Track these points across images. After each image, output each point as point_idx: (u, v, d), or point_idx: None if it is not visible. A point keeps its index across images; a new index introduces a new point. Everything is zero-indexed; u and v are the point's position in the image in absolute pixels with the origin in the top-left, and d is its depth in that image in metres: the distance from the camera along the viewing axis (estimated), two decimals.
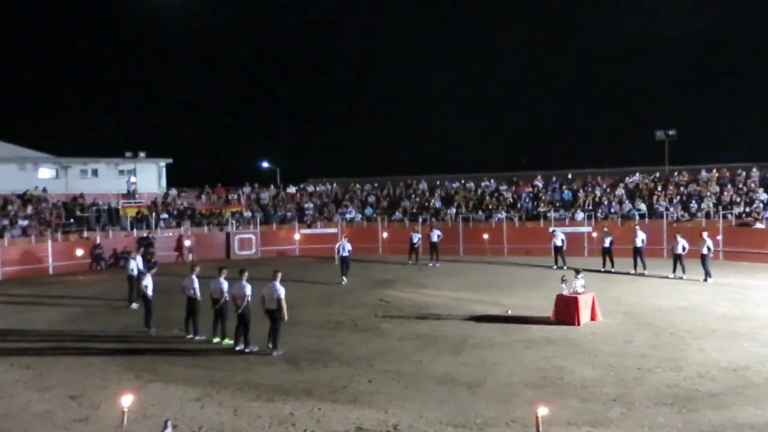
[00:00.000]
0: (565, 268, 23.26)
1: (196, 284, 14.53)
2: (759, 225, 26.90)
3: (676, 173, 33.24)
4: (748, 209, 28.50)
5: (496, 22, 60.81)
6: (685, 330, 14.19)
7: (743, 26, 47.45)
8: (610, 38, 52.51)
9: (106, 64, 65.35)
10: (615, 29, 52.20)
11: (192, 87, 64.66)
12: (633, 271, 22.99)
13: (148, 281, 15.41)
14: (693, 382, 10.61)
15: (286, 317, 12.97)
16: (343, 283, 22.19)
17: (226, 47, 69.36)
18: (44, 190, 33.50)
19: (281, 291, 12.90)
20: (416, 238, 27.80)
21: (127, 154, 38.78)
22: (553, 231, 25.31)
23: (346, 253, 22.99)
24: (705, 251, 20.93)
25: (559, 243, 25.14)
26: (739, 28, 47.21)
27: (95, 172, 38.28)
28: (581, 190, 33.48)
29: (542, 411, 6.15)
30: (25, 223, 29.38)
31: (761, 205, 28.38)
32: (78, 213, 32.14)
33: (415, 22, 64.47)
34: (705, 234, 21.55)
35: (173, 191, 37.96)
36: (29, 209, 30.61)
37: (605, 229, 25.50)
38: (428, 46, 65.50)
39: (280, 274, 13.25)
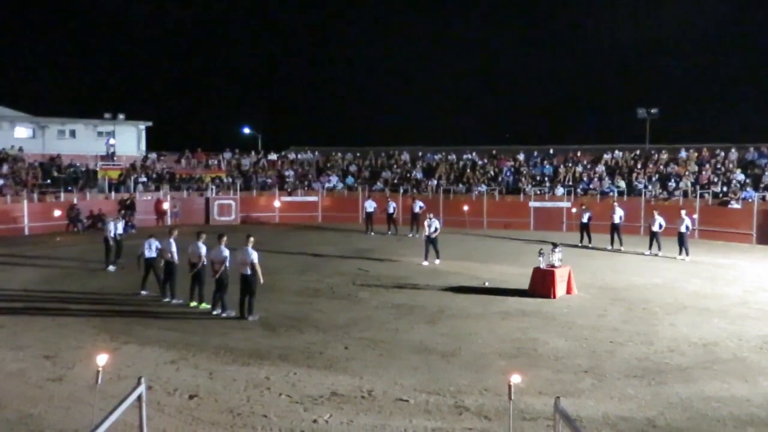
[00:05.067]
0: (435, 262, 20.08)
1: (174, 248, 14.44)
2: (735, 205, 27.26)
3: (655, 152, 33.51)
4: (725, 189, 28.86)
5: None
6: (657, 305, 14.41)
7: (725, 10, 47.55)
8: (596, 17, 52.41)
9: (86, 24, 63.99)
10: (601, 8, 52.06)
11: (174, 50, 63.60)
12: (610, 247, 23.25)
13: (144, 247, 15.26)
14: (663, 356, 10.80)
15: (261, 280, 12.97)
16: (372, 234, 26.90)
17: (210, 12, 68.20)
18: (20, 149, 32.94)
19: (254, 255, 12.87)
20: (392, 207, 27.85)
21: (106, 115, 38.23)
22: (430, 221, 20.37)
23: (371, 209, 28.06)
24: (683, 229, 21.16)
25: (432, 231, 20.25)
26: (721, 12, 47.31)
27: (73, 133, 37.74)
28: (562, 166, 33.66)
29: (515, 378, 6.22)
30: (0, 182, 28.92)
31: (738, 185, 28.74)
32: (55, 174, 31.70)
33: None
34: (683, 212, 21.79)
35: (152, 155, 37.54)
36: (5, 168, 30.11)
37: (583, 205, 25.69)
38: (414, 19, 64.95)
39: (252, 239, 13.18)
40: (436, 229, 19.91)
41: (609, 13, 50.93)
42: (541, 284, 15.31)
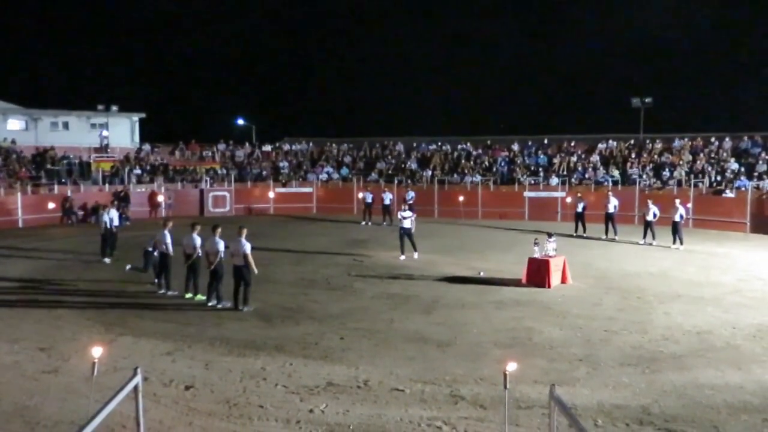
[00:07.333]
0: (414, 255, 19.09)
1: (169, 239, 14.41)
2: (729, 194, 27.34)
3: (649, 141, 33.55)
4: (719, 178, 28.93)
5: None
6: (652, 294, 14.46)
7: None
8: (590, 7, 52.37)
9: (79, 15, 63.57)
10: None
11: (167, 41, 63.24)
12: (604, 237, 23.29)
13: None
14: (657, 344, 10.84)
15: (255, 271, 12.95)
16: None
17: (203, 3, 67.85)
18: (13, 141, 32.79)
19: (247, 247, 12.85)
20: (387, 198, 27.82)
21: (100, 107, 38.06)
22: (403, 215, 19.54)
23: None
24: (677, 218, 21.21)
25: (408, 225, 19.25)
26: (715, 1, 47.29)
27: (66, 125, 37.56)
28: (556, 156, 33.67)
29: (511, 367, 6.24)
30: None
31: (732, 174, 28.82)
32: (48, 166, 31.58)
33: None
34: (677, 201, 21.84)
35: (146, 146, 37.44)
36: None
37: (578, 195, 25.73)
38: (407, 10, 64.77)
39: (245, 231, 13.14)
40: (411, 221, 19.04)
41: (603, 2, 50.89)
42: (536, 274, 15.34)
